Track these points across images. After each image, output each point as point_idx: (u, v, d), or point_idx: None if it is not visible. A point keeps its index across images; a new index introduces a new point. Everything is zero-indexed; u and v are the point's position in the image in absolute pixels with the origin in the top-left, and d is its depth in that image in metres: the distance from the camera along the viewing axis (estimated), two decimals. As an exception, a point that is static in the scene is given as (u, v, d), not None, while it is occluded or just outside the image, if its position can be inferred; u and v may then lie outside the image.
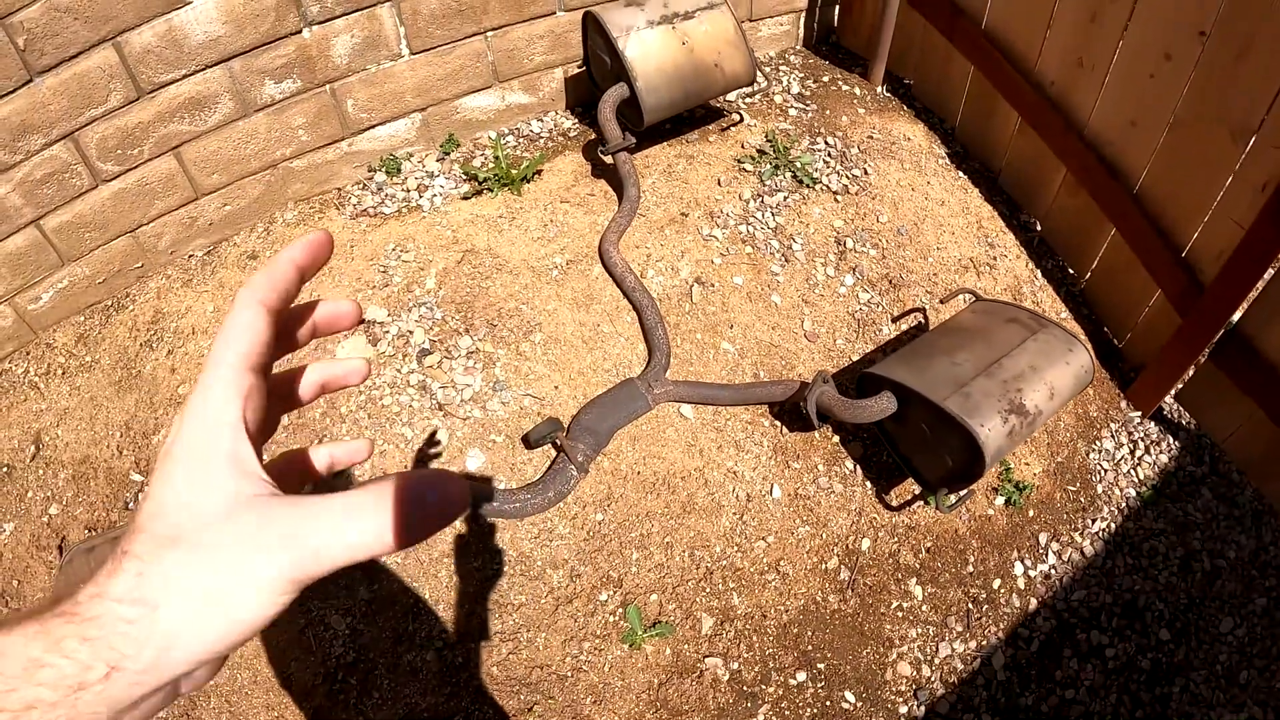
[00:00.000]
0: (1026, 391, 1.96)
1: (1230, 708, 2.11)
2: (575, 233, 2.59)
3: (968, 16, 2.78)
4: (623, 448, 2.22)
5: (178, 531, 0.38)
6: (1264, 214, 2.01)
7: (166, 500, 0.40)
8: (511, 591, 2.03)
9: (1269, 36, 1.90)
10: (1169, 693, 2.13)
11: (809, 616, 2.13)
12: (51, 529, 2.09)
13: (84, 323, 2.42)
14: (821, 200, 2.72)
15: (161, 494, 0.40)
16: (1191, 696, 2.13)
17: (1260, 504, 2.41)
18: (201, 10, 2.17)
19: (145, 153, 2.30)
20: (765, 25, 3.24)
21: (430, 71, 2.66)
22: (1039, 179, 2.77)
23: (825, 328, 2.51)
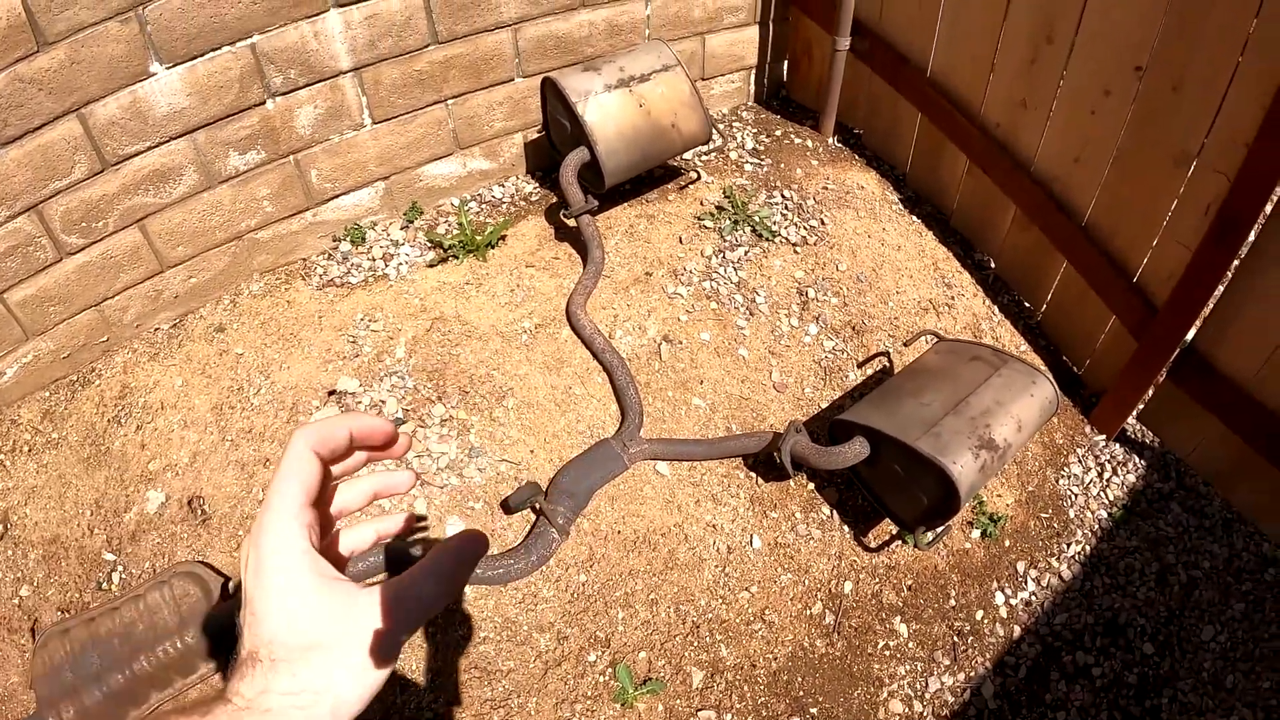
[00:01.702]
0: (994, 426, 2.01)
1: (1220, 712, 2.15)
2: (542, 296, 2.62)
3: (912, 65, 2.88)
4: (602, 508, 2.24)
5: (307, 640, 0.49)
6: (1209, 235, 2.10)
7: (282, 624, 0.49)
8: (499, 658, 2.03)
9: (1201, 67, 2.00)
10: (1158, 704, 2.16)
11: (798, 662, 2.14)
12: (23, 611, 2.05)
13: (49, 398, 2.40)
14: (781, 252, 2.78)
15: (272, 617, 0.50)
16: (1181, 706, 2.17)
17: (1229, 512, 2.48)
18: (166, 82, 2.19)
19: (110, 225, 2.30)
20: (718, 83, 3.33)
21: (393, 140, 2.70)
22: (990, 218, 2.86)
23: (793, 377, 2.56)
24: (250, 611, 0.50)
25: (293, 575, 0.51)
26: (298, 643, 0.49)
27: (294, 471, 0.54)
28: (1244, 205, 1.99)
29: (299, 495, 0.53)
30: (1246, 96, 1.91)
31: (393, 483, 0.66)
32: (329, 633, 0.50)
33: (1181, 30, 2.01)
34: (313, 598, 0.50)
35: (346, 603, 0.51)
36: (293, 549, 0.51)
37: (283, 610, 0.50)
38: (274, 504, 0.53)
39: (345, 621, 0.50)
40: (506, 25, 2.68)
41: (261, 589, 0.50)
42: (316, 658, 0.49)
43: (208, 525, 2.12)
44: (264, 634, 0.49)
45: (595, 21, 2.85)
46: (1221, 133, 2.01)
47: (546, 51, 2.81)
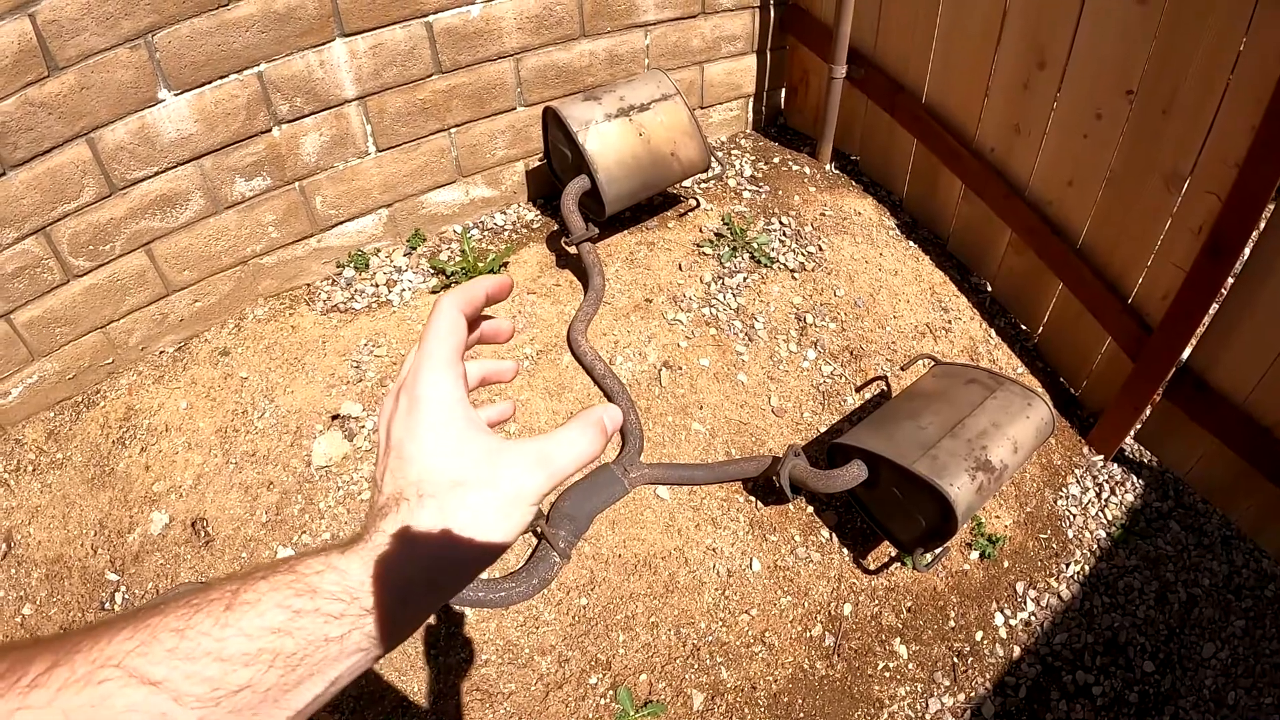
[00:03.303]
0: (991, 448, 2.03)
1: (1221, 731, 2.16)
2: (543, 323, 2.65)
3: (907, 92, 2.92)
4: (603, 532, 2.25)
5: (458, 478, 0.51)
6: (1202, 255, 2.12)
7: (434, 462, 0.51)
8: (500, 680, 2.03)
9: (1192, 88, 2.04)
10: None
11: (798, 685, 2.15)
12: (25, 630, 2.06)
13: (54, 419, 2.42)
14: (780, 279, 2.81)
15: (424, 456, 0.52)
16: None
17: (1228, 529, 2.49)
18: (174, 108, 2.23)
19: (117, 249, 2.33)
20: (716, 111, 3.37)
21: (396, 168, 2.74)
22: (986, 242, 2.89)
23: (792, 402, 2.58)
24: (397, 456, 0.52)
25: (448, 419, 0.53)
26: (448, 479, 0.51)
27: (447, 328, 0.56)
28: (1236, 225, 2.02)
29: (453, 348, 0.55)
30: (1237, 116, 1.95)
31: (500, 369, 0.70)
32: (479, 473, 0.51)
33: (1172, 52, 2.05)
34: (465, 441, 0.52)
35: (496, 448, 0.53)
36: (448, 396, 0.53)
37: (436, 451, 0.52)
38: (431, 353, 0.54)
39: (495, 464, 0.52)
40: (508, 55, 2.73)
41: (414, 432, 0.52)
42: (466, 494, 0.51)
43: (211, 547, 2.14)
44: (413, 474, 0.51)
45: (596, 51, 2.90)
46: (1212, 153, 2.04)
47: (548, 81, 2.86)
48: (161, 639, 0.38)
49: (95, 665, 0.36)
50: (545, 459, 0.53)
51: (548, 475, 0.53)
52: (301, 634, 0.42)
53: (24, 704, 0.34)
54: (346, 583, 0.46)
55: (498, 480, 0.51)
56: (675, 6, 2.96)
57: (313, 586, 0.44)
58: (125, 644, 0.38)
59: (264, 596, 0.42)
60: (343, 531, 2.17)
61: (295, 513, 2.20)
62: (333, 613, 0.44)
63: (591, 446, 0.56)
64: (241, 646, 0.40)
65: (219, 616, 0.41)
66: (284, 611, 0.42)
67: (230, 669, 0.39)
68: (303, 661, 0.42)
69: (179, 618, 0.40)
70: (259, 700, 0.40)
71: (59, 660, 0.36)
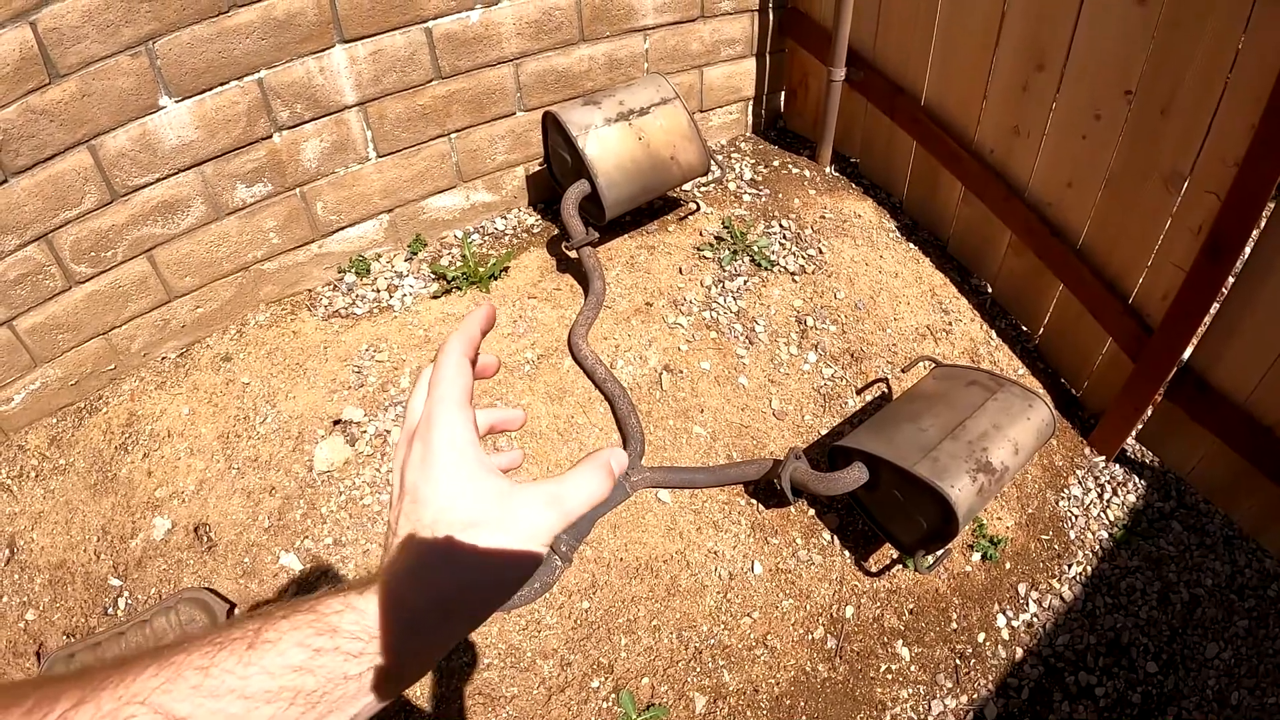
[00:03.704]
0: (992, 450, 2.03)
1: (1225, 731, 2.15)
2: (544, 327, 2.65)
3: (907, 94, 2.93)
4: (604, 535, 2.25)
5: (471, 520, 0.52)
6: (1202, 255, 2.12)
7: (448, 504, 0.53)
8: (503, 684, 2.04)
9: (1191, 88, 2.04)
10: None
11: (800, 687, 2.15)
12: (29, 635, 2.07)
13: (56, 425, 2.43)
14: (780, 281, 2.81)
15: (439, 499, 0.53)
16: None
17: (1230, 529, 2.49)
18: (175, 115, 2.24)
19: (119, 255, 2.34)
20: (716, 115, 3.38)
21: (397, 173, 2.75)
22: (986, 244, 2.89)
23: (793, 405, 2.58)
24: (411, 500, 0.53)
25: (460, 461, 0.54)
26: (461, 520, 0.52)
27: (454, 371, 0.58)
28: (1236, 224, 2.02)
29: (462, 391, 0.57)
30: (1235, 116, 1.95)
31: (508, 417, 0.70)
32: (492, 514, 0.53)
33: (1170, 52, 2.05)
34: (478, 483, 0.54)
35: (509, 490, 0.54)
36: (461, 439, 0.55)
37: (450, 493, 0.53)
38: (443, 398, 0.56)
39: (507, 506, 0.53)
40: (508, 60, 2.73)
41: (429, 475, 0.54)
42: (479, 533, 0.52)
43: (213, 552, 2.14)
44: (427, 516, 0.52)
45: (595, 56, 2.90)
46: (1211, 153, 2.04)
47: (547, 86, 2.87)
48: (186, 676, 0.39)
49: (122, 702, 0.37)
50: (557, 500, 0.55)
51: (560, 515, 0.55)
52: (322, 672, 0.43)
53: None
54: (365, 622, 0.47)
55: (511, 521, 0.53)
56: (674, 10, 2.97)
57: (333, 626, 0.45)
58: (151, 681, 0.38)
59: (285, 635, 0.43)
60: (345, 536, 2.18)
61: (297, 518, 2.20)
62: (352, 651, 0.45)
63: (601, 488, 0.57)
64: (264, 684, 0.41)
65: (242, 655, 0.41)
66: (305, 650, 0.43)
67: (253, 706, 0.40)
68: (322, 699, 0.43)
69: (203, 655, 0.41)
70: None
71: (86, 697, 0.36)
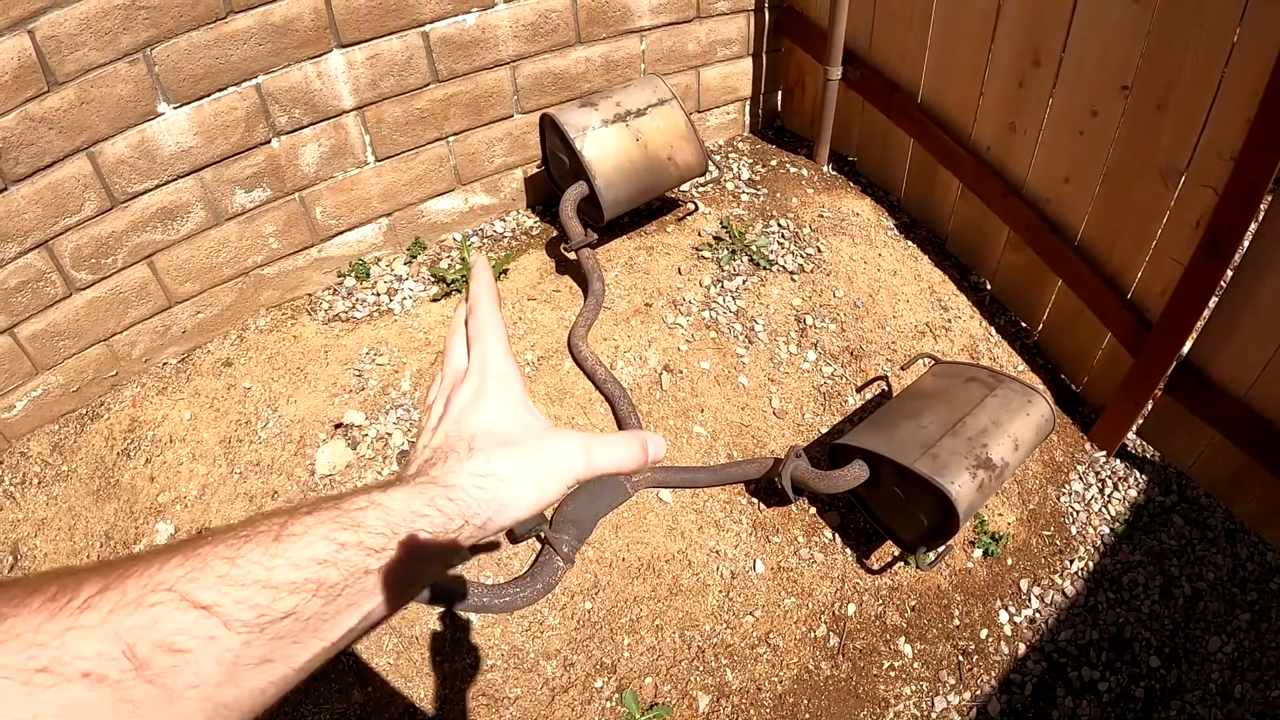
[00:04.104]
0: (991, 446, 2.03)
1: (1229, 723, 2.16)
2: (544, 329, 2.66)
3: (903, 92, 2.93)
4: (606, 536, 2.25)
5: (509, 439, 0.57)
6: (1200, 249, 2.13)
7: (491, 424, 0.58)
8: (506, 685, 2.04)
9: (1186, 83, 2.04)
10: (1166, 717, 2.16)
11: (803, 685, 2.15)
12: (36, 651, 2.07)
13: (58, 431, 2.43)
14: (779, 281, 2.82)
15: (482, 419, 0.58)
16: (1189, 718, 2.17)
17: (1232, 523, 2.49)
18: (173, 121, 2.24)
19: (119, 262, 2.34)
20: (713, 115, 3.38)
21: (395, 177, 2.75)
22: (984, 240, 2.89)
23: (793, 404, 2.58)
24: (455, 421, 0.58)
25: (510, 397, 0.60)
26: (499, 437, 0.57)
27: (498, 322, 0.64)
28: (1233, 218, 2.02)
29: (506, 340, 0.64)
30: (1232, 109, 1.95)
31: None
32: (527, 441, 0.57)
33: (1166, 47, 2.06)
34: (522, 418, 0.59)
35: (546, 428, 0.59)
36: (512, 380, 0.61)
37: (495, 419, 0.58)
38: (494, 347, 0.62)
39: (542, 440, 0.58)
40: (505, 63, 2.74)
41: (480, 402, 0.59)
42: (512, 453, 0.56)
43: (216, 558, 2.15)
44: (467, 432, 0.57)
45: (592, 58, 2.91)
46: (1208, 147, 2.05)
47: (544, 88, 2.87)
48: (213, 566, 0.40)
49: (146, 590, 0.37)
50: (586, 450, 0.59)
51: (586, 463, 0.59)
52: (345, 566, 0.44)
53: (75, 624, 0.35)
54: (389, 518, 0.48)
55: (542, 452, 0.57)
56: (670, 11, 2.97)
57: (357, 521, 0.46)
58: (177, 570, 0.39)
59: (311, 530, 0.44)
60: (347, 539, 2.18)
61: (299, 521, 2.20)
62: (374, 546, 0.46)
63: (630, 458, 0.62)
64: (289, 576, 0.42)
65: (268, 547, 0.42)
66: (330, 544, 0.44)
67: (278, 596, 0.41)
68: (343, 592, 0.44)
69: (229, 547, 0.41)
70: (300, 629, 0.42)
71: (110, 584, 0.37)
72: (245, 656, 0.39)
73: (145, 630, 0.36)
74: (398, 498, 0.49)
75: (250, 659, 0.39)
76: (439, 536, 0.50)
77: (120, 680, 0.34)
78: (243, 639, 0.39)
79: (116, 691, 0.34)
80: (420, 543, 0.48)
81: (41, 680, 0.33)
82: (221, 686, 0.38)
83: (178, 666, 0.36)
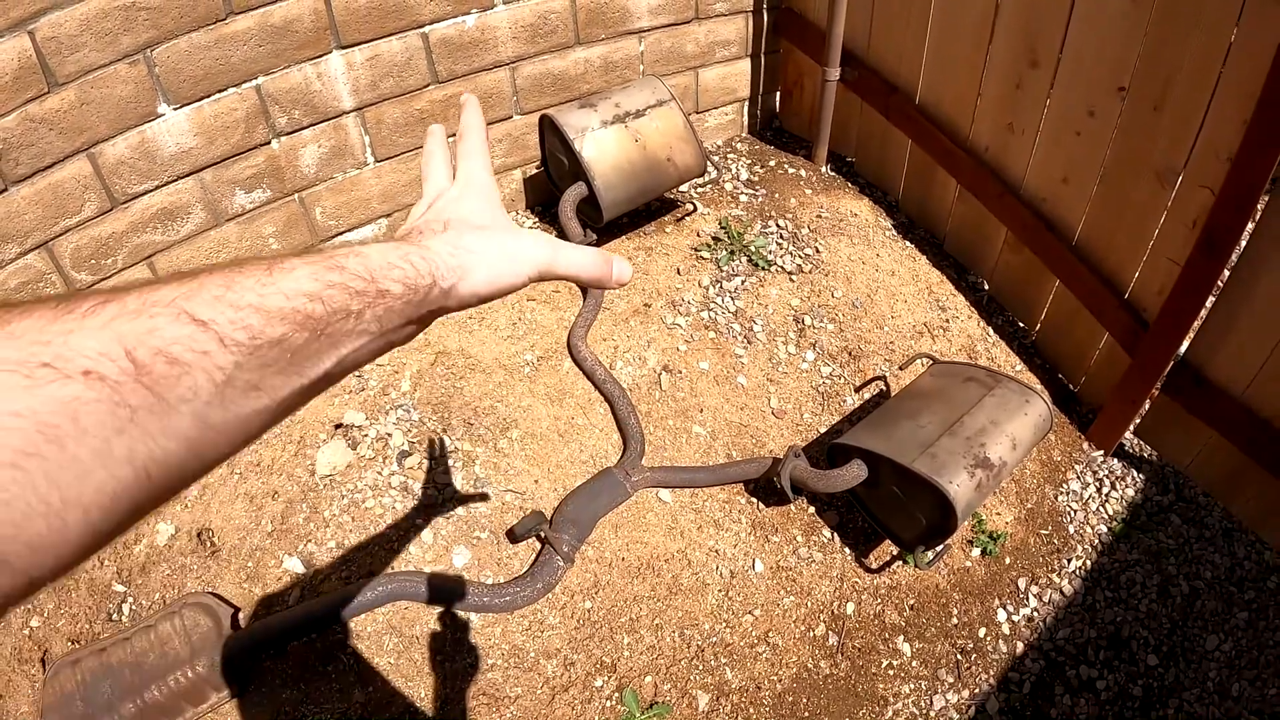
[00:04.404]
0: (989, 445, 2.04)
1: (1227, 721, 2.16)
2: (544, 329, 2.66)
3: (901, 93, 2.94)
4: (606, 535, 2.26)
5: (480, 224, 0.64)
6: (1197, 249, 2.14)
7: (469, 213, 0.65)
8: (506, 684, 2.04)
9: (1183, 84, 2.05)
10: (1164, 715, 2.17)
11: (802, 684, 2.16)
12: (34, 642, 2.07)
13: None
14: (778, 281, 2.83)
15: (463, 209, 0.65)
16: (1187, 716, 2.17)
17: (1229, 522, 2.50)
18: (173, 122, 2.25)
19: (119, 262, 2.35)
20: (711, 116, 3.39)
21: (395, 178, 2.76)
22: (982, 240, 2.90)
23: (791, 404, 2.59)
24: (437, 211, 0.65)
25: (489, 199, 0.68)
26: (477, 222, 0.64)
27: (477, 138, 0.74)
28: (1230, 218, 2.03)
29: (484, 157, 0.73)
30: (1228, 110, 1.96)
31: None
32: (499, 227, 0.65)
33: (1163, 48, 2.07)
34: (497, 214, 0.67)
35: (517, 227, 0.66)
36: (487, 183, 0.70)
37: (473, 209, 0.66)
38: (467, 155, 0.71)
39: (513, 231, 0.65)
40: (504, 64, 2.75)
41: (462, 198, 0.67)
42: (484, 234, 0.63)
43: (217, 557, 2.15)
44: (451, 212, 0.65)
45: (591, 59, 2.92)
46: (1205, 147, 2.06)
47: (543, 89, 2.88)
48: (209, 289, 0.41)
49: (146, 305, 0.39)
50: (553, 245, 0.65)
51: (550, 255, 0.64)
52: (329, 302, 0.46)
53: (79, 326, 0.36)
54: (368, 264, 0.50)
55: (512, 238, 0.63)
56: (669, 12, 2.98)
57: (340, 264, 0.49)
58: (174, 291, 0.40)
59: (299, 267, 0.46)
60: (348, 540, 2.18)
61: (300, 521, 2.21)
62: (355, 288, 0.48)
63: (593, 266, 0.68)
64: (280, 304, 0.44)
65: (261, 278, 0.44)
66: (317, 282, 0.46)
67: (269, 322, 0.43)
68: (326, 329, 0.46)
69: (224, 276, 0.43)
70: (286, 360, 0.44)
71: (111, 298, 0.38)
72: (236, 379, 0.41)
73: (145, 336, 0.37)
74: (376, 249, 0.53)
75: (240, 383, 0.41)
76: (410, 290, 0.53)
77: (119, 382, 0.35)
78: (235, 359, 0.40)
79: (115, 393, 0.35)
80: (394, 293, 0.51)
81: (43, 375, 0.34)
82: (211, 405, 0.39)
83: (174, 377, 0.38)
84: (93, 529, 0.35)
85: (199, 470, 0.41)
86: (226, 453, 0.42)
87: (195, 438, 0.39)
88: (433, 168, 0.73)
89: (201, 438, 0.40)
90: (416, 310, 0.54)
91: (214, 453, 0.41)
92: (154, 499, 0.38)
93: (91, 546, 0.36)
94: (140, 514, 0.38)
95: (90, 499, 0.34)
